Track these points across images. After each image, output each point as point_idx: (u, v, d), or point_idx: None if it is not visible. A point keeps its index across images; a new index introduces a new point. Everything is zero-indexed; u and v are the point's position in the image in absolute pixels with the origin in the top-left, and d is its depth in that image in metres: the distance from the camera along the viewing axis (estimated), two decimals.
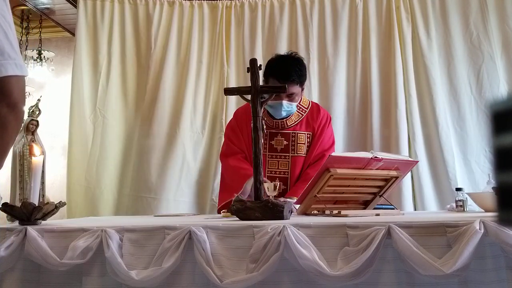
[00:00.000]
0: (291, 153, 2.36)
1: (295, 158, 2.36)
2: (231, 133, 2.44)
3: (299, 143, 2.38)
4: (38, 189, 1.60)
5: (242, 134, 2.38)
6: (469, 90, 3.10)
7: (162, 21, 3.36)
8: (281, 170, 2.36)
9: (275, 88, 2.07)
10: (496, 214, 0.47)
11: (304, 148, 2.39)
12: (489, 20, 3.12)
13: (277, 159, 2.36)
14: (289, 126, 2.39)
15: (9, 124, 1.11)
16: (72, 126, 3.27)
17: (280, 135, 2.38)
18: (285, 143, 2.37)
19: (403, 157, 2.08)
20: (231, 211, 1.61)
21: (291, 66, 2.29)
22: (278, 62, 2.34)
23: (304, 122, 2.41)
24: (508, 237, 1.24)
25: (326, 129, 2.44)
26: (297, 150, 2.37)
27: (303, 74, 2.35)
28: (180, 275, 1.39)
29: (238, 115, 2.48)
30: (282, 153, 2.36)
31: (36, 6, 3.87)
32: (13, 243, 1.43)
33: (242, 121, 2.41)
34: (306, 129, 2.40)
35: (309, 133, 2.40)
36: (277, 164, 2.36)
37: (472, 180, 3.00)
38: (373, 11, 3.26)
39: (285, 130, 2.38)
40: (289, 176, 2.35)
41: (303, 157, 2.38)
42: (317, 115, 2.43)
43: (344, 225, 1.37)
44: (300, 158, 2.37)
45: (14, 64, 1.10)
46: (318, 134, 2.40)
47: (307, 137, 2.40)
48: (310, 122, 2.41)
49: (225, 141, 2.47)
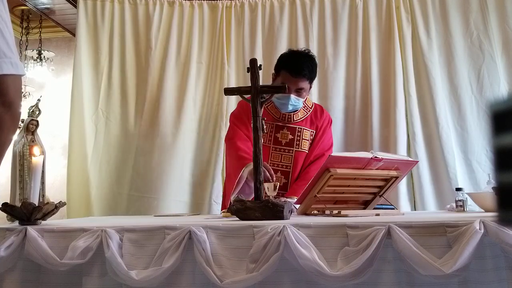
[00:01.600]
0: (295, 147, 2.38)
1: (298, 153, 2.38)
2: (236, 120, 2.43)
3: (304, 139, 2.40)
4: (38, 189, 1.60)
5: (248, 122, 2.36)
6: (469, 89, 3.10)
7: (162, 21, 3.36)
8: (283, 164, 2.37)
9: (275, 88, 2.07)
10: (496, 214, 0.47)
11: (308, 144, 2.42)
12: (490, 20, 3.13)
13: (280, 153, 2.37)
14: (296, 121, 2.41)
15: (5, 123, 1.09)
16: (73, 126, 3.27)
17: (286, 128, 2.39)
18: (290, 137, 2.39)
19: (403, 157, 2.08)
20: (231, 211, 1.61)
21: (304, 61, 2.32)
22: (292, 56, 2.36)
23: (309, 120, 2.44)
24: (508, 237, 1.24)
25: (328, 129, 2.48)
26: (301, 146, 2.39)
27: (314, 71, 2.37)
28: (180, 275, 1.39)
29: (244, 105, 2.47)
30: (286, 147, 2.38)
31: (36, 6, 3.87)
32: (13, 243, 1.43)
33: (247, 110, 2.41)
34: (310, 126, 2.43)
35: (313, 131, 2.44)
36: (280, 157, 2.37)
37: (473, 180, 3.00)
38: (373, 11, 3.26)
39: (292, 124, 2.40)
40: (291, 170, 2.36)
41: (306, 153, 2.40)
42: (320, 115, 2.47)
43: (344, 225, 1.37)
44: (302, 153, 2.40)
45: (10, 63, 1.08)
46: (321, 134, 2.43)
47: (311, 134, 2.43)
48: (314, 120, 2.45)
49: (230, 126, 2.46)
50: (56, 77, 5.93)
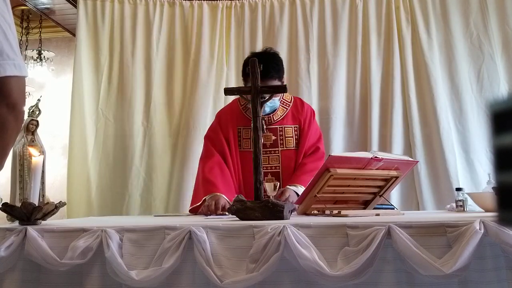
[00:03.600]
0: (280, 147, 2.37)
1: (284, 152, 2.37)
2: (212, 134, 2.42)
3: (287, 137, 2.38)
4: (38, 189, 1.59)
5: (223, 134, 2.37)
6: (469, 89, 3.11)
7: (162, 21, 3.36)
8: (272, 165, 2.37)
9: (275, 88, 2.07)
10: (496, 214, 0.47)
11: (293, 141, 2.39)
12: (489, 20, 3.13)
13: (267, 155, 2.36)
14: (276, 121, 2.39)
15: (9, 124, 1.11)
16: (73, 126, 3.27)
17: (268, 130, 2.38)
18: (273, 138, 2.38)
19: (403, 157, 2.08)
20: (231, 211, 1.61)
21: (267, 62, 2.25)
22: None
23: (290, 116, 2.42)
24: (508, 237, 1.24)
25: (313, 121, 2.46)
26: (286, 144, 2.38)
27: (281, 68, 2.35)
28: (180, 275, 1.39)
29: (222, 115, 2.48)
30: (272, 148, 2.37)
31: (36, 6, 3.87)
32: (13, 243, 1.43)
33: (226, 121, 2.41)
34: (292, 122, 2.41)
35: (296, 126, 2.41)
36: (268, 159, 2.36)
37: (474, 180, 3.00)
38: (373, 11, 3.26)
39: (272, 125, 2.39)
40: (281, 170, 2.35)
41: (293, 150, 2.38)
42: (301, 108, 2.44)
43: (344, 225, 1.37)
44: (290, 151, 2.38)
45: (13, 64, 1.10)
46: (307, 127, 2.40)
47: (294, 130, 2.40)
48: (296, 115, 2.42)
49: (204, 143, 2.45)
50: (56, 77, 5.93)
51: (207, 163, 2.31)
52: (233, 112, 2.43)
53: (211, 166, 2.28)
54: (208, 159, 2.33)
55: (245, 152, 2.33)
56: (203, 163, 2.35)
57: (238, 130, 2.38)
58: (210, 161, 2.31)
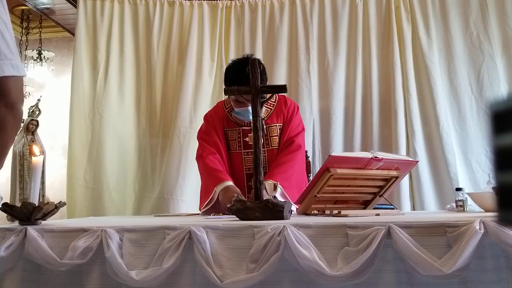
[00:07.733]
0: (266, 147, 2.36)
1: (270, 151, 2.37)
2: (204, 135, 2.42)
3: (272, 136, 2.38)
4: (38, 189, 1.59)
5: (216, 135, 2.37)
6: (469, 89, 3.11)
7: (162, 21, 3.36)
8: None
9: (275, 88, 2.07)
10: (496, 214, 0.47)
11: (277, 139, 2.39)
12: (489, 20, 3.13)
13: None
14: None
15: (8, 124, 1.11)
16: (72, 126, 3.28)
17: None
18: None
19: (403, 157, 2.08)
20: (231, 211, 1.61)
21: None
22: (235, 69, 2.29)
23: (274, 115, 2.41)
24: (508, 237, 1.24)
25: (294, 116, 2.43)
26: (271, 144, 2.37)
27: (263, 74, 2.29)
28: (180, 275, 1.39)
29: (209, 118, 2.47)
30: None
31: (36, 6, 3.87)
32: (13, 243, 1.43)
33: (214, 123, 2.41)
34: (277, 120, 2.40)
35: (280, 124, 2.40)
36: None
37: (473, 180, 3.00)
38: (373, 11, 3.27)
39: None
40: (268, 170, 2.34)
41: (277, 149, 2.38)
42: (285, 106, 2.43)
43: (344, 225, 1.37)
44: (275, 150, 2.38)
45: (10, 64, 1.10)
46: (287, 121, 2.40)
47: (278, 129, 2.40)
48: (279, 113, 2.42)
49: (199, 144, 2.44)
50: (56, 77, 5.93)
51: (207, 157, 2.31)
52: (218, 115, 2.43)
53: (213, 159, 2.29)
54: (207, 154, 2.33)
55: (233, 154, 2.36)
56: (202, 159, 2.35)
57: (224, 132, 2.39)
58: (210, 156, 2.31)
